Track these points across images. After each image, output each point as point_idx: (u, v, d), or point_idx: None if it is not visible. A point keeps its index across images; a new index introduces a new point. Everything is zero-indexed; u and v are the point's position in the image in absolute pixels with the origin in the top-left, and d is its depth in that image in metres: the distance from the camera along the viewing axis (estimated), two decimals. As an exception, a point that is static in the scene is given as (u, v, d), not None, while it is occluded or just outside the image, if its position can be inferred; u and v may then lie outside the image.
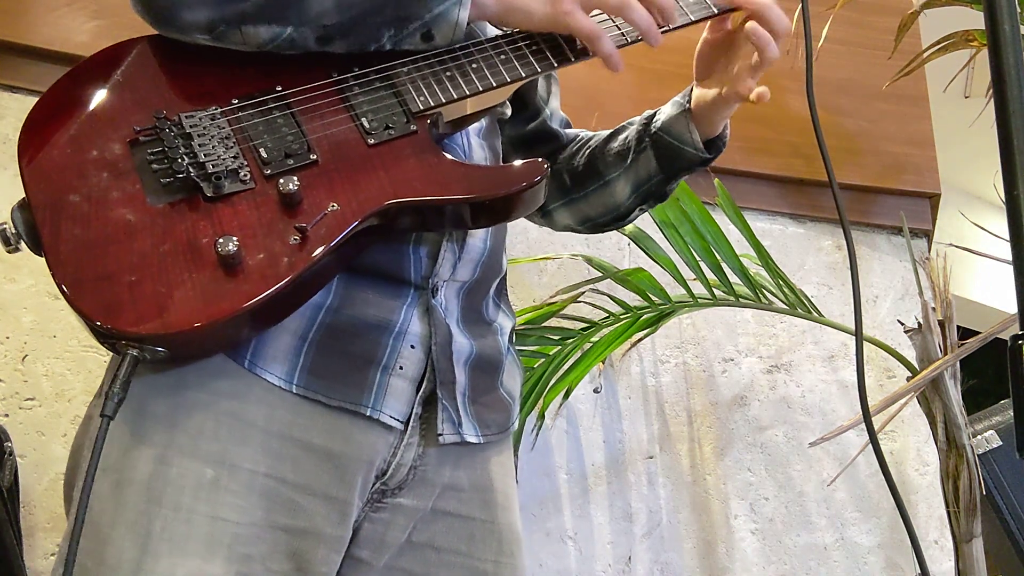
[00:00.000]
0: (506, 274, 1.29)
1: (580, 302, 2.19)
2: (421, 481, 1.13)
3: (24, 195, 1.01)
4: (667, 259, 2.12)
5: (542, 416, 2.21)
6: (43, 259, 0.99)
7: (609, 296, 2.18)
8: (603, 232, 1.47)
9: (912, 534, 1.17)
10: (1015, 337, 0.82)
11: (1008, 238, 0.84)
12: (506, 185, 1.08)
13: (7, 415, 1.97)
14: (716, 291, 2.14)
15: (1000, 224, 0.98)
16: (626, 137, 1.36)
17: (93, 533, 1.00)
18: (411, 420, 1.11)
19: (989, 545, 2.17)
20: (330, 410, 1.06)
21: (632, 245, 2.39)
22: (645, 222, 2.20)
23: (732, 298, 2.14)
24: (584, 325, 2.15)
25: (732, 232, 2.15)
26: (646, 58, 2.62)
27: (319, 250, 0.99)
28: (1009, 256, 0.83)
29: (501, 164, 1.26)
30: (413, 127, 1.08)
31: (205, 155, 1.01)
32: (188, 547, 0.98)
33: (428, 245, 1.12)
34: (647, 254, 2.14)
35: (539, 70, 1.15)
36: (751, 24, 1.19)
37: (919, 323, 2.11)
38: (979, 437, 2.42)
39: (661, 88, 2.56)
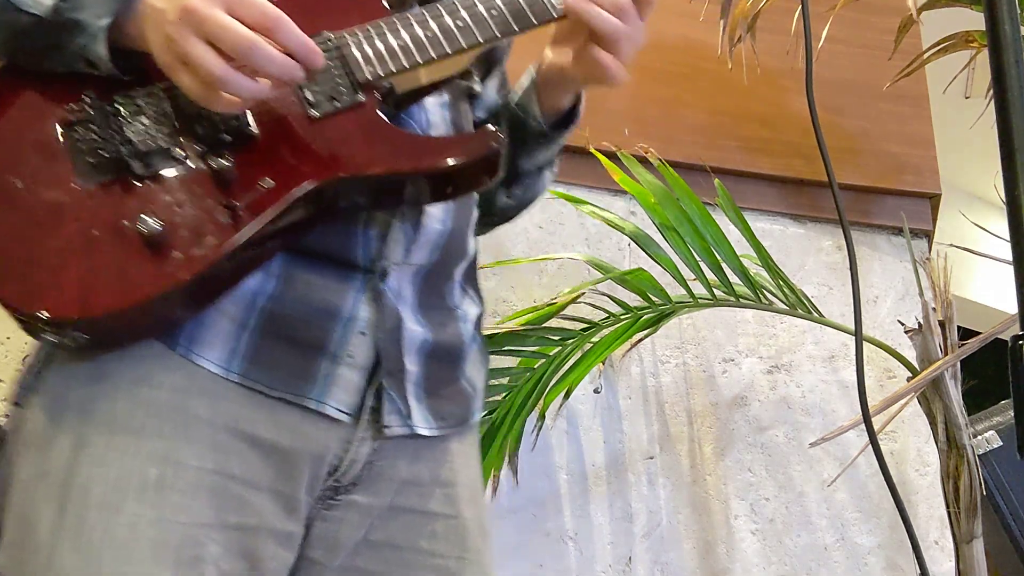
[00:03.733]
0: (476, 259, 1.22)
1: (580, 302, 2.19)
2: (377, 477, 1.08)
3: None
4: (667, 259, 2.12)
5: (542, 416, 2.21)
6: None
7: (609, 296, 2.18)
8: (488, 231, 1.35)
9: (912, 535, 1.17)
10: (1015, 337, 0.82)
11: (1008, 238, 0.84)
12: (456, 155, 1.02)
13: (7, 416, 1.97)
14: (716, 291, 2.14)
15: (1000, 224, 0.98)
16: (494, 115, 1.29)
17: (32, 543, 0.96)
18: (363, 413, 1.06)
19: (989, 545, 2.17)
20: (274, 401, 1.01)
21: (632, 245, 2.38)
22: (646, 223, 2.20)
23: (732, 298, 2.14)
24: (584, 325, 2.15)
25: (732, 232, 2.15)
26: (644, 56, 2.61)
27: (249, 229, 0.95)
28: (1009, 256, 0.83)
29: (450, 135, 1.18)
30: (361, 98, 1.02)
31: (135, 133, 0.97)
32: (133, 553, 0.94)
33: (378, 225, 1.06)
34: (647, 254, 2.14)
35: (498, 35, 1.06)
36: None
37: (919, 323, 2.11)
38: (979, 437, 2.42)
39: (660, 85, 2.59)
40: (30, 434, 1.00)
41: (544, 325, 2.16)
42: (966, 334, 2.13)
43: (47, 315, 0.92)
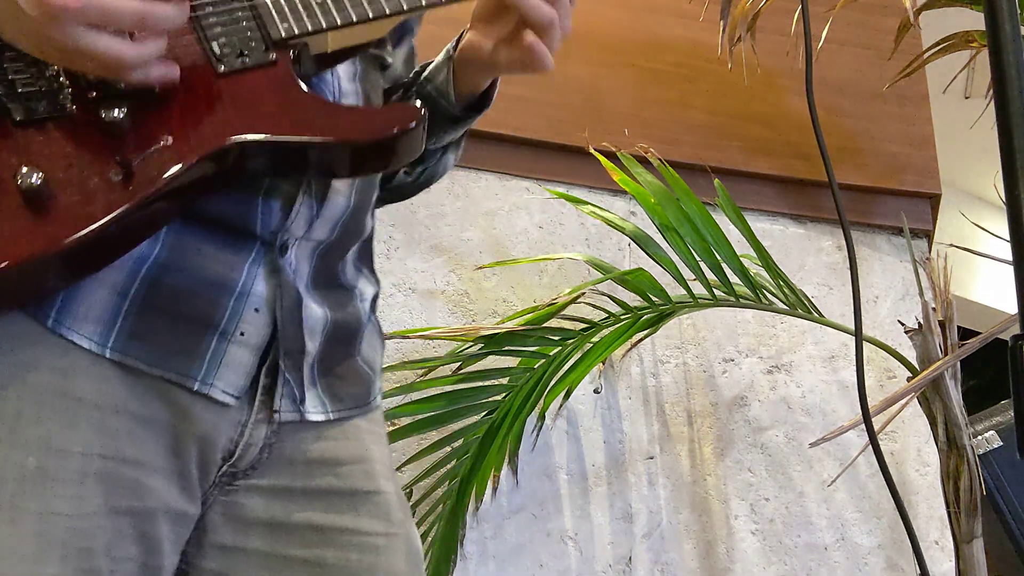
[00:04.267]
0: (371, 236, 1.17)
1: (580, 303, 2.19)
2: (278, 459, 1.02)
3: None
4: (667, 260, 2.12)
5: (542, 416, 2.21)
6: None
7: (609, 296, 2.18)
8: (379, 207, 1.27)
9: (912, 535, 1.17)
10: (1015, 337, 0.82)
11: (1008, 238, 0.84)
12: (376, 129, 0.96)
13: None
14: (716, 291, 2.14)
15: (1001, 224, 0.98)
16: (400, 89, 1.23)
17: None
18: (255, 394, 0.99)
19: (990, 545, 2.17)
20: (156, 380, 0.94)
21: (632, 245, 2.39)
22: (646, 223, 2.20)
23: (732, 298, 2.14)
24: (584, 326, 2.15)
25: (732, 232, 2.15)
26: (648, 58, 2.63)
27: (145, 191, 0.86)
28: (1009, 256, 0.83)
29: (368, 107, 1.12)
30: (272, 57, 0.95)
31: (15, 72, 0.87)
32: (16, 550, 0.88)
33: (281, 196, 0.99)
34: (647, 254, 2.14)
35: (423, 3, 1.00)
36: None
37: (919, 323, 2.11)
38: (979, 437, 2.42)
39: (660, 86, 2.59)
40: None
41: (544, 325, 2.16)
42: (966, 334, 2.13)
43: None
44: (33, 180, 0.83)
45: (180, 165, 0.88)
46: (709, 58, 2.44)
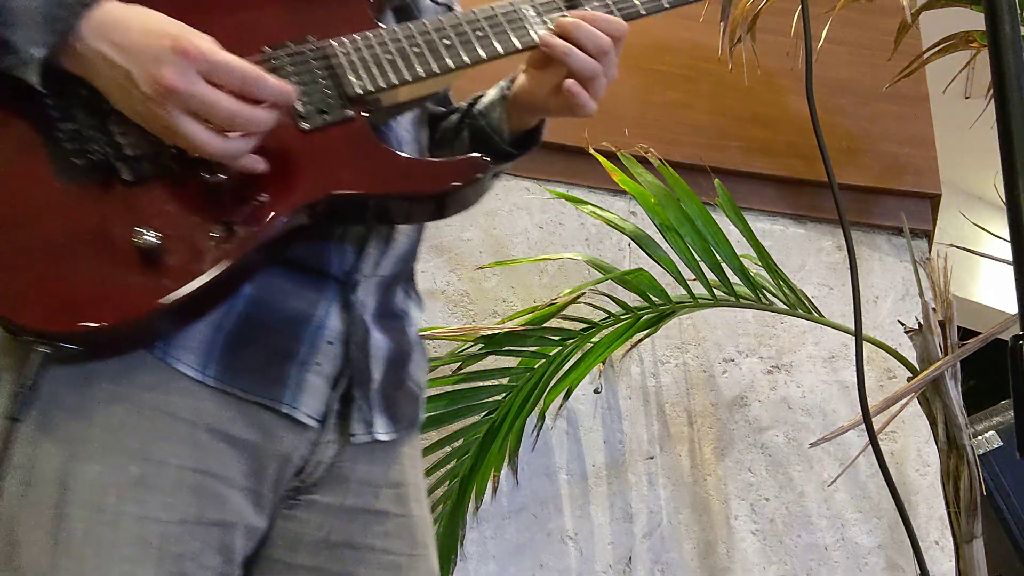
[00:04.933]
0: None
1: (580, 303, 2.19)
2: (336, 478, 1.11)
3: None
4: (667, 260, 2.12)
5: (543, 417, 2.21)
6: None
7: (609, 297, 2.19)
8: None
9: (912, 535, 1.17)
10: (1015, 337, 0.82)
11: (1008, 238, 0.84)
12: (446, 180, 1.03)
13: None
14: (716, 291, 2.14)
15: (1001, 224, 0.98)
16: (452, 118, 1.31)
17: (4, 536, 0.95)
18: (328, 418, 1.08)
19: (990, 546, 2.17)
20: (249, 404, 1.03)
21: (632, 245, 2.39)
22: (646, 223, 2.20)
23: (732, 298, 2.14)
24: (584, 326, 2.15)
25: (732, 233, 2.15)
26: (649, 59, 2.63)
27: (246, 246, 0.94)
28: (1009, 256, 0.84)
29: (435, 159, 1.20)
30: (349, 113, 1.02)
31: (121, 134, 0.94)
32: (116, 551, 0.95)
33: (353, 239, 1.09)
34: (647, 254, 2.14)
35: (484, 57, 1.08)
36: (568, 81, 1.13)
37: (919, 323, 2.11)
38: (979, 437, 2.42)
39: (664, 89, 2.59)
40: (21, 440, 0.97)
41: (544, 325, 2.16)
42: (966, 334, 2.13)
43: (38, 328, 0.89)
44: (150, 239, 0.91)
45: (276, 221, 0.96)
46: (709, 59, 2.44)
